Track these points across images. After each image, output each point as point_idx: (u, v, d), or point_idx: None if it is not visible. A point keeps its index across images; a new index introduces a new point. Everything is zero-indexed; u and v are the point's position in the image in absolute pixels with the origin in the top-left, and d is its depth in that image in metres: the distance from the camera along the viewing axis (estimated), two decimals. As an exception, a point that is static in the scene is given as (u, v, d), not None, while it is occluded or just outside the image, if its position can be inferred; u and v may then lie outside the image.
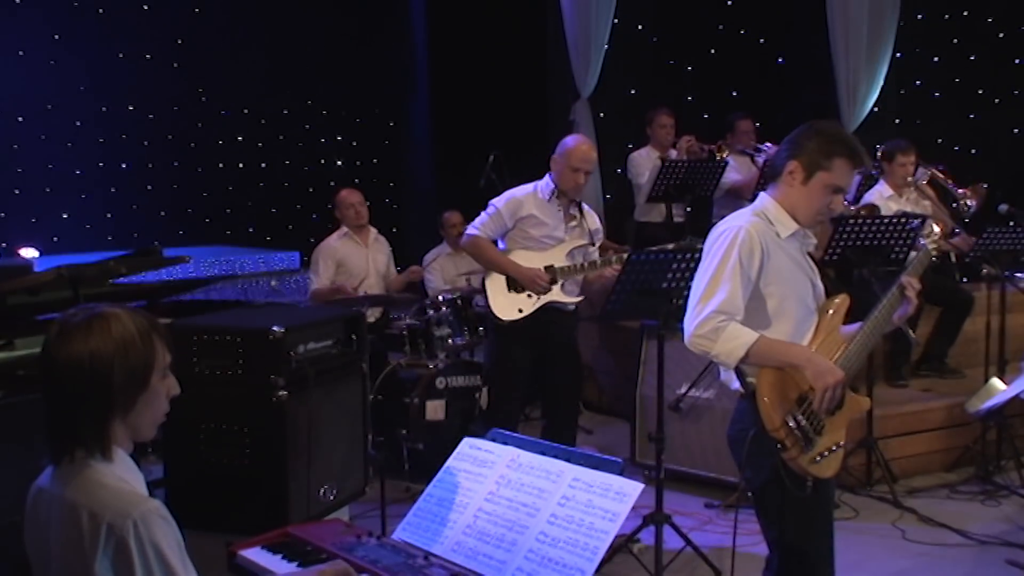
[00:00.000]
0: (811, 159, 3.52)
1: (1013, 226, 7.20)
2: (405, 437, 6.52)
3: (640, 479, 2.85)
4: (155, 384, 2.41)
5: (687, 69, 11.68)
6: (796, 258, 3.62)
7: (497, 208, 5.93)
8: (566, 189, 5.90)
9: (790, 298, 3.57)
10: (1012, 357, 7.01)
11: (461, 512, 2.93)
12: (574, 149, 5.88)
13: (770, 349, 3.43)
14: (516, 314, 5.86)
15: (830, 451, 3.49)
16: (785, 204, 3.58)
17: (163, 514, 2.32)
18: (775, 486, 3.45)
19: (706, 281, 3.48)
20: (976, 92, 12.09)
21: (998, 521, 6.16)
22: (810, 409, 3.43)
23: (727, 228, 3.54)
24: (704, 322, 3.42)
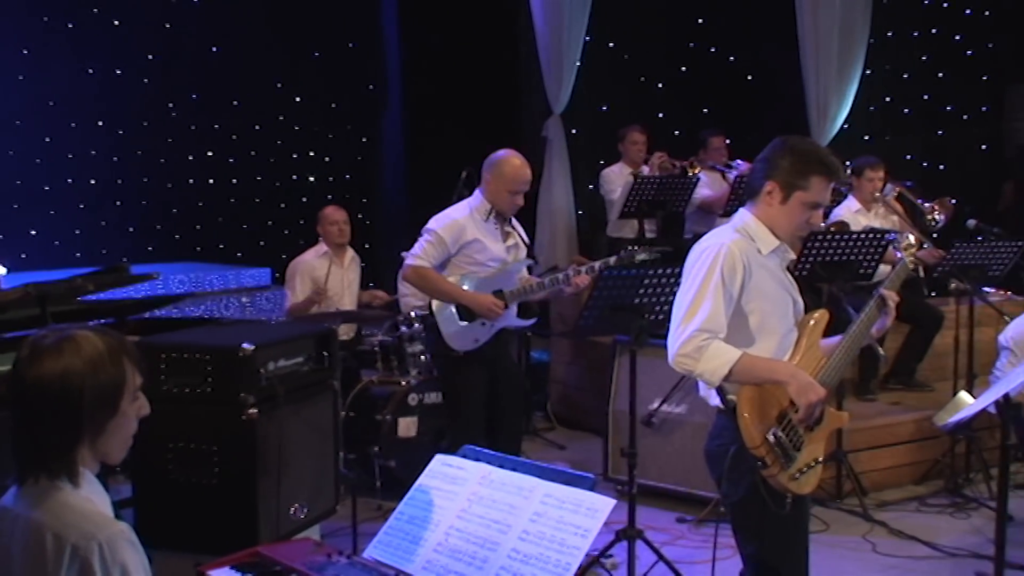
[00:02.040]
0: (787, 179, 3.53)
1: (981, 241, 7.27)
2: (377, 454, 6.48)
3: (612, 494, 2.85)
4: (125, 408, 2.39)
5: (659, 86, 11.73)
6: (777, 275, 3.63)
7: (438, 233, 5.63)
8: (503, 210, 5.70)
9: (772, 315, 3.59)
10: (981, 371, 7.05)
11: (433, 530, 2.92)
12: (511, 169, 5.64)
13: (753, 366, 3.44)
14: (473, 344, 5.70)
15: (809, 467, 3.50)
16: (765, 221, 3.59)
17: (129, 537, 2.29)
18: (753, 502, 3.46)
19: (689, 300, 3.47)
20: (945, 109, 12.21)
21: (968, 534, 6.19)
22: (790, 425, 3.44)
23: (709, 245, 3.54)
24: (687, 341, 3.41)
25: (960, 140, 12.24)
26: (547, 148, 9.91)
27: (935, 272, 7.22)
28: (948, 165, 12.13)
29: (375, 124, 11.69)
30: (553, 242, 9.89)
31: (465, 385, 5.79)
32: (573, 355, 8.50)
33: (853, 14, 10.25)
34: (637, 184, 8.28)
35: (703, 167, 8.91)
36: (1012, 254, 7.11)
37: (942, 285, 7.42)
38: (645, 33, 11.47)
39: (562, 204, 10.02)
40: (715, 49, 11.86)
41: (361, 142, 11.67)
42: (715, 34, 11.79)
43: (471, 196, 5.81)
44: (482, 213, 5.70)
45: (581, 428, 8.16)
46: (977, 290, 7.04)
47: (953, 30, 12.13)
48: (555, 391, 8.65)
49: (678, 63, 11.82)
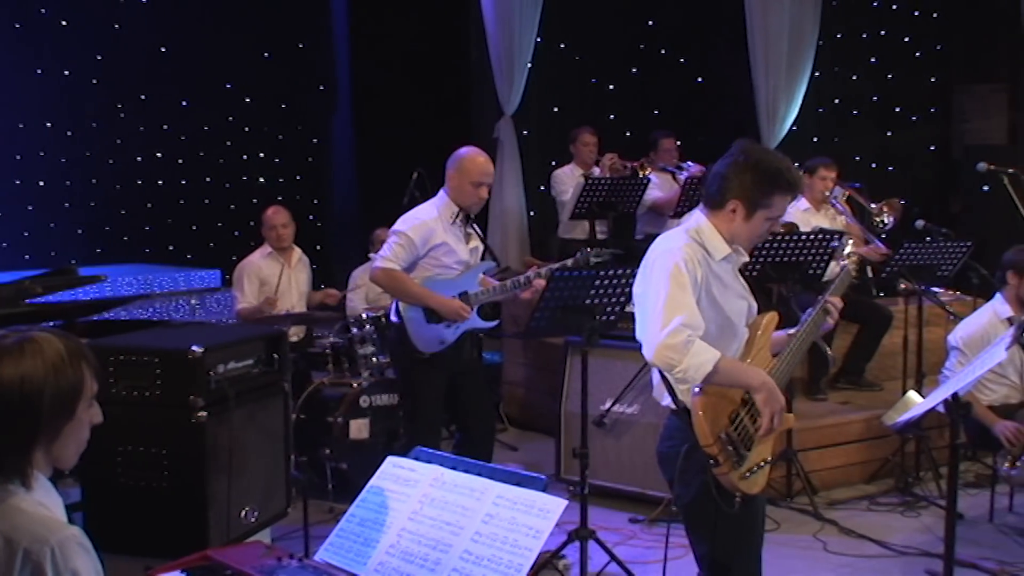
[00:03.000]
0: (751, 198, 3.52)
1: (930, 242, 7.35)
2: (328, 457, 6.45)
3: (565, 495, 2.84)
4: (81, 413, 2.36)
5: (610, 88, 11.76)
6: (729, 281, 3.64)
7: (407, 235, 5.59)
8: (468, 205, 5.69)
9: (728, 321, 3.60)
10: (930, 370, 7.13)
11: (385, 532, 2.90)
12: (472, 163, 5.66)
13: (731, 369, 3.44)
14: (439, 346, 5.68)
15: (758, 467, 3.52)
16: (724, 232, 3.58)
17: (82, 542, 2.26)
18: (705, 502, 3.47)
19: (663, 299, 3.42)
20: (893, 110, 12.35)
21: (917, 532, 6.26)
22: (742, 425, 3.46)
23: (668, 249, 3.52)
24: (673, 333, 3.34)
25: (909, 141, 12.38)
26: (498, 149, 9.91)
27: (884, 272, 7.29)
28: (897, 166, 12.28)
29: (325, 125, 11.63)
30: (505, 243, 9.88)
31: (425, 388, 5.76)
32: (525, 356, 8.50)
33: (802, 16, 10.35)
34: (588, 185, 8.30)
35: (654, 168, 8.95)
36: (960, 254, 7.19)
37: (891, 285, 7.50)
38: (596, 35, 11.50)
39: (513, 205, 10.03)
40: (666, 51, 11.91)
41: (311, 143, 11.60)
42: (666, 36, 11.84)
43: (435, 198, 5.78)
44: (449, 215, 5.68)
45: (533, 429, 8.16)
46: (926, 290, 7.11)
47: (902, 32, 12.27)
48: (507, 392, 8.65)
49: (629, 65, 11.86)
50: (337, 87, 11.58)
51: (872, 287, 8.41)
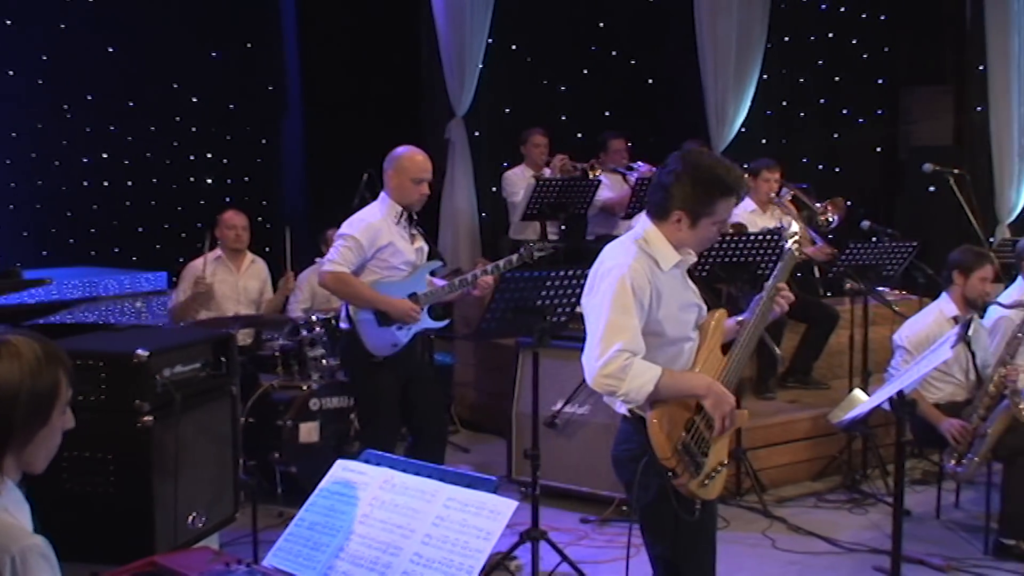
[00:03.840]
0: (694, 208, 3.53)
1: (875, 242, 7.43)
2: (278, 460, 6.41)
3: (516, 496, 2.85)
4: (55, 419, 2.32)
5: (561, 89, 11.79)
6: (679, 287, 3.64)
7: (354, 237, 5.54)
8: (410, 203, 5.66)
9: (681, 329, 3.61)
10: (876, 369, 7.21)
11: (334, 536, 2.88)
12: (410, 161, 5.64)
13: (674, 382, 3.45)
14: (391, 349, 5.65)
15: (716, 472, 3.54)
16: (672, 240, 3.58)
17: (44, 552, 2.23)
18: (661, 506, 3.49)
19: (604, 320, 3.44)
20: (840, 112, 12.47)
21: (865, 529, 6.32)
22: (697, 432, 3.47)
23: (615, 264, 3.52)
24: (609, 362, 3.38)
25: (855, 143, 12.51)
26: (450, 150, 9.91)
27: (830, 272, 7.36)
28: (843, 167, 12.39)
29: (275, 126, 11.55)
30: (456, 244, 9.88)
31: (380, 391, 5.73)
32: (476, 358, 8.50)
33: (751, 19, 10.43)
34: (539, 186, 8.31)
35: (604, 169, 8.97)
36: (905, 254, 7.28)
37: (837, 285, 7.58)
38: (547, 36, 11.53)
39: (465, 206, 10.02)
40: (616, 53, 11.96)
41: (260, 144, 11.51)
42: (617, 38, 11.89)
43: (377, 200, 5.76)
44: (393, 216, 5.65)
45: (485, 430, 8.16)
46: (872, 290, 7.19)
47: (849, 34, 12.39)
48: (459, 394, 8.64)
49: (580, 66, 11.89)
50: (287, 88, 11.51)
51: (819, 287, 8.49)
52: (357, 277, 5.58)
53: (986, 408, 5.85)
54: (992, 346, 6.15)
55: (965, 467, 5.84)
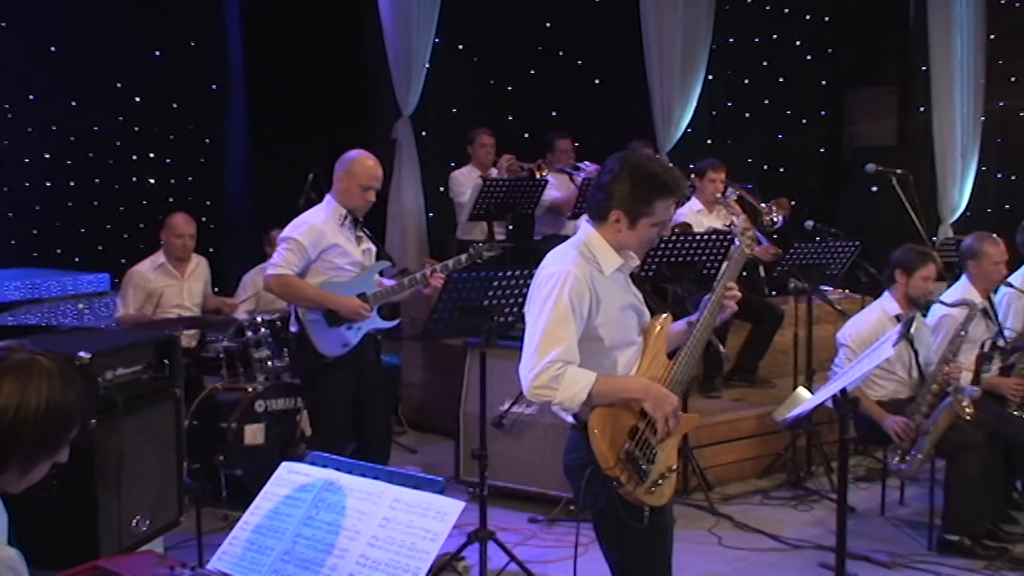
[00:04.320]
0: (631, 207, 3.53)
1: (819, 241, 7.50)
2: (223, 463, 6.35)
3: (464, 497, 2.84)
4: (61, 450, 2.26)
5: (508, 89, 11.78)
6: (621, 292, 3.64)
7: (297, 240, 5.51)
8: (356, 208, 5.65)
9: (623, 334, 3.61)
10: (820, 367, 7.29)
11: (279, 539, 2.86)
12: (362, 167, 5.62)
13: (609, 387, 3.45)
14: (342, 349, 5.61)
15: (664, 477, 3.53)
16: (612, 243, 3.59)
17: (13, 566, 2.18)
18: (612, 512, 3.49)
19: (541, 330, 3.44)
20: (784, 113, 12.58)
21: (810, 525, 6.38)
22: (642, 439, 3.46)
23: (554, 272, 3.51)
24: (542, 372, 3.39)
25: (800, 144, 12.64)
26: (396, 150, 9.86)
27: (775, 271, 7.42)
28: (788, 168, 12.52)
29: (218, 125, 11.43)
30: (404, 244, 9.84)
31: (332, 393, 5.69)
32: (424, 358, 8.48)
33: (696, 20, 10.49)
34: (486, 186, 8.30)
35: (551, 169, 8.98)
36: (849, 254, 7.35)
37: (782, 284, 7.63)
38: (494, 36, 11.52)
39: (412, 206, 9.98)
40: (563, 53, 11.98)
41: (204, 143, 11.39)
42: (563, 38, 11.91)
43: (323, 202, 5.72)
44: (338, 218, 5.62)
45: (433, 431, 8.14)
46: (815, 289, 7.26)
47: (793, 36, 12.51)
48: (406, 395, 8.62)
49: (527, 66, 11.90)
50: (231, 86, 11.40)
51: (764, 286, 8.56)
52: (302, 279, 5.54)
53: (929, 405, 5.91)
54: (935, 344, 6.22)
55: (909, 464, 5.90)
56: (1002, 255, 6.39)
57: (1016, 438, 6.00)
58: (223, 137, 11.40)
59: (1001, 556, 5.74)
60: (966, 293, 6.30)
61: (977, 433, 5.80)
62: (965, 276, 6.45)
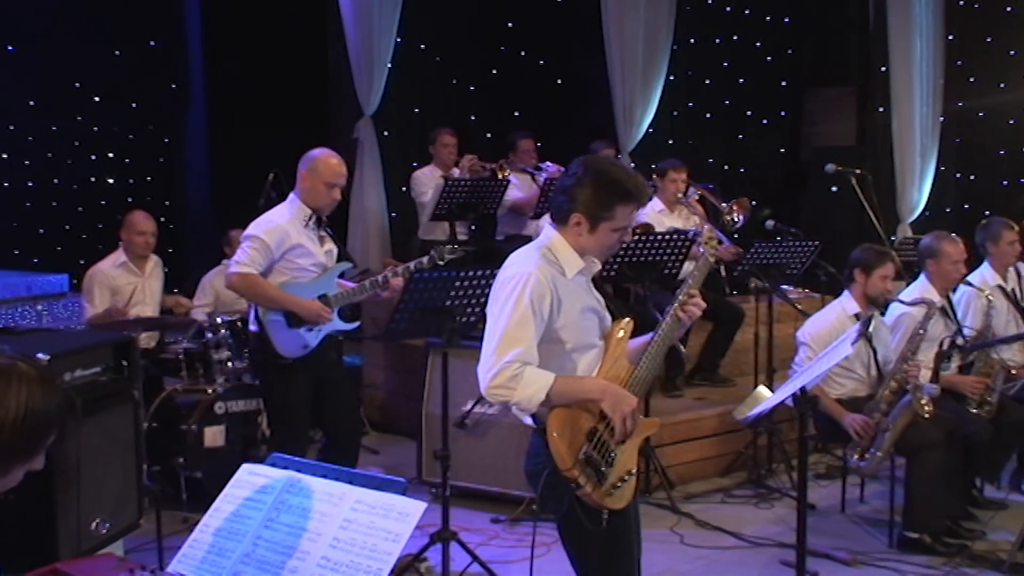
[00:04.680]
0: (593, 212, 3.52)
1: (779, 241, 7.55)
2: (182, 465, 6.31)
3: (426, 497, 2.83)
4: (37, 456, 2.21)
5: (470, 89, 11.79)
6: (583, 296, 3.63)
7: (261, 239, 5.46)
8: (321, 207, 5.62)
9: (583, 337, 3.60)
10: (780, 366, 7.34)
11: (240, 541, 2.84)
12: (326, 165, 5.58)
13: (567, 387, 3.44)
14: (302, 351, 5.57)
15: (623, 480, 3.52)
16: (574, 246, 3.59)
17: None
18: (575, 517, 3.48)
19: (500, 330, 3.44)
20: (745, 113, 12.66)
21: (771, 523, 6.42)
22: (601, 442, 3.46)
23: (516, 273, 3.50)
24: (500, 372, 3.39)
25: (760, 144, 12.74)
26: (358, 150, 9.84)
27: (735, 271, 7.46)
28: (748, 168, 12.60)
29: (178, 125, 11.36)
30: (366, 245, 9.82)
31: (292, 394, 5.65)
32: (386, 359, 8.46)
33: (657, 21, 10.55)
34: (448, 187, 8.30)
35: (513, 169, 8.98)
36: (808, 253, 7.41)
37: (742, 283, 7.68)
38: (456, 36, 11.52)
39: (374, 206, 9.96)
40: (525, 53, 12.00)
41: (163, 143, 11.32)
42: (525, 38, 11.93)
43: (286, 201, 5.69)
44: (302, 217, 5.58)
45: (395, 432, 8.13)
46: (776, 288, 7.30)
47: (754, 37, 12.60)
48: (368, 395, 8.59)
49: (489, 66, 11.91)
50: (190, 85, 11.33)
51: (725, 285, 8.61)
52: (265, 279, 5.51)
53: (888, 403, 5.96)
54: (893, 342, 6.28)
55: (868, 462, 5.94)
56: (961, 254, 6.44)
57: (975, 435, 6.07)
58: (182, 137, 11.34)
59: (961, 553, 5.79)
60: (925, 292, 6.35)
61: (936, 431, 5.85)
62: (924, 275, 6.50)
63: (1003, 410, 6.32)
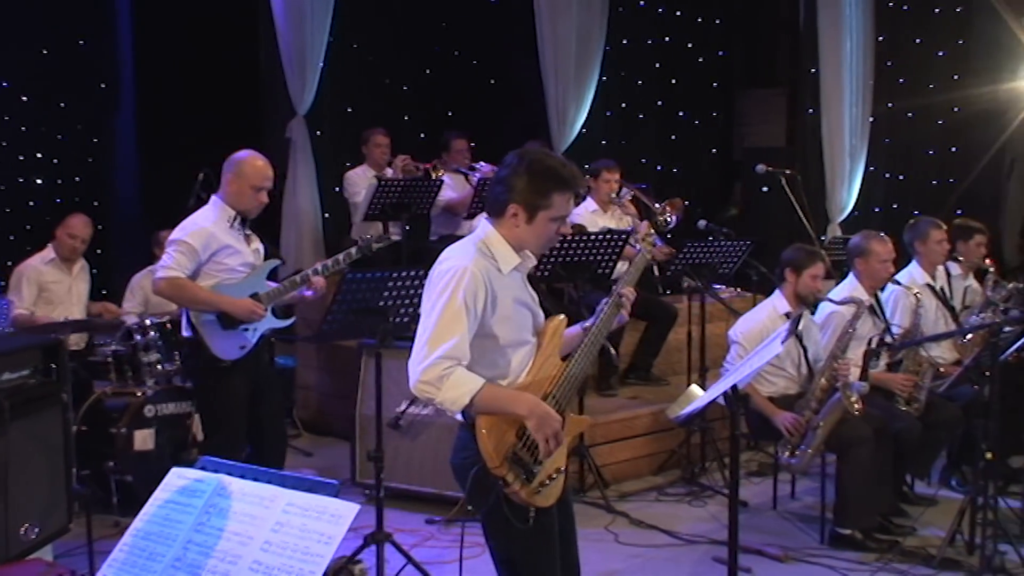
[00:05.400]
0: (529, 201, 3.53)
1: (711, 241, 7.62)
2: (113, 469, 6.24)
3: (360, 499, 2.82)
4: None
5: (403, 89, 11.75)
6: (518, 292, 3.64)
7: (187, 242, 5.40)
8: (249, 210, 5.57)
9: (517, 333, 3.61)
10: (713, 365, 7.40)
11: (170, 545, 2.81)
12: (252, 168, 5.54)
13: (494, 398, 3.44)
14: (239, 352, 5.52)
15: (552, 478, 3.54)
16: (511, 240, 3.59)
17: None
18: (500, 513, 3.48)
19: (432, 325, 3.43)
20: (677, 114, 12.76)
21: (704, 521, 6.48)
22: (530, 440, 3.46)
23: (451, 267, 3.49)
24: (429, 368, 3.38)
25: (692, 144, 12.83)
26: (291, 150, 9.76)
27: (668, 271, 7.52)
28: (681, 168, 12.69)
29: (108, 125, 11.20)
30: (300, 245, 9.74)
31: (230, 397, 5.58)
32: (319, 360, 8.42)
33: (590, 23, 10.59)
34: (381, 187, 8.27)
35: (447, 169, 8.97)
36: (740, 253, 7.48)
37: (675, 283, 7.74)
38: (389, 36, 11.47)
39: (307, 207, 9.88)
40: (459, 53, 11.98)
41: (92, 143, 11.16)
42: (459, 38, 11.91)
43: (210, 203, 5.63)
44: (226, 219, 5.53)
45: (329, 434, 8.09)
46: (708, 288, 7.37)
47: (685, 38, 12.70)
48: (301, 397, 8.55)
49: (422, 66, 11.88)
50: (120, 85, 11.18)
51: (658, 285, 8.67)
52: (194, 282, 5.45)
53: (818, 401, 6.03)
54: (823, 341, 6.35)
55: (799, 459, 6.01)
56: (889, 253, 6.53)
57: (904, 432, 6.16)
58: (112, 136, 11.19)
59: (892, 549, 5.88)
60: (854, 291, 6.43)
61: (866, 427, 5.93)
62: (852, 274, 6.58)
63: (932, 407, 6.41)
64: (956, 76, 11.56)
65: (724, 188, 12.82)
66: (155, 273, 5.59)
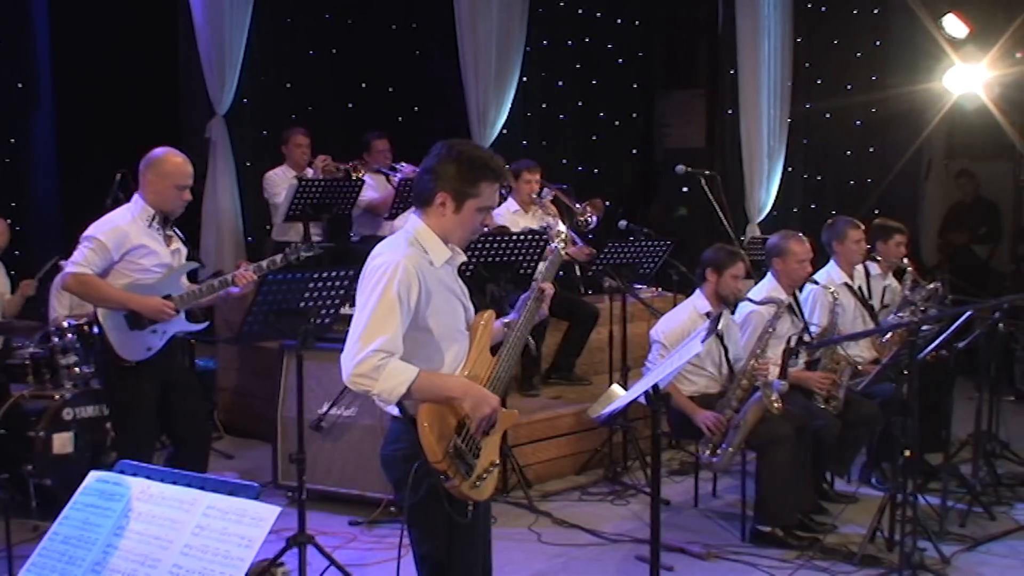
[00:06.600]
0: (458, 189, 3.56)
1: (632, 241, 7.68)
2: (31, 473, 6.14)
3: (283, 501, 2.81)
4: None
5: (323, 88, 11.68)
6: (450, 285, 3.67)
7: (99, 240, 5.33)
8: (172, 209, 5.52)
9: (450, 326, 3.64)
10: (635, 364, 7.46)
11: (90, 549, 2.79)
12: (173, 166, 5.47)
13: (430, 384, 3.47)
14: (146, 353, 5.44)
15: (487, 472, 3.58)
16: (438, 230, 3.61)
17: None
18: (431, 505, 3.50)
19: (366, 318, 3.44)
20: (597, 115, 12.83)
21: (627, 520, 6.53)
22: (468, 434, 3.50)
23: (384, 262, 3.51)
24: (364, 361, 3.39)
25: (612, 145, 12.92)
26: (211, 150, 9.66)
27: (590, 271, 7.56)
28: (601, 169, 12.77)
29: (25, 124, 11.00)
30: (219, 246, 9.65)
31: (136, 398, 5.51)
32: (240, 361, 8.34)
33: (510, 23, 10.61)
34: (301, 187, 8.22)
35: (368, 170, 8.95)
36: (660, 253, 7.55)
37: (597, 283, 7.79)
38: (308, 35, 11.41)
39: (227, 207, 9.79)
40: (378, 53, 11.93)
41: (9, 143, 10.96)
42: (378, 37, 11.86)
43: (130, 202, 5.56)
44: (145, 219, 5.46)
45: (251, 436, 8.01)
46: (629, 287, 7.43)
47: (605, 40, 12.79)
48: (222, 399, 8.47)
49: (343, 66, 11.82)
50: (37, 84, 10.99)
51: (579, 285, 8.72)
52: (103, 280, 5.37)
53: (739, 400, 6.11)
54: (743, 340, 6.43)
55: (720, 457, 6.08)
56: (807, 253, 6.61)
57: (823, 430, 6.25)
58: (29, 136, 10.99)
59: (813, 546, 5.95)
60: (772, 290, 6.52)
61: (786, 426, 6.01)
62: (771, 273, 6.65)
63: (851, 405, 6.49)
64: (874, 77, 11.78)
65: (645, 189, 12.93)
66: (63, 268, 5.51)
